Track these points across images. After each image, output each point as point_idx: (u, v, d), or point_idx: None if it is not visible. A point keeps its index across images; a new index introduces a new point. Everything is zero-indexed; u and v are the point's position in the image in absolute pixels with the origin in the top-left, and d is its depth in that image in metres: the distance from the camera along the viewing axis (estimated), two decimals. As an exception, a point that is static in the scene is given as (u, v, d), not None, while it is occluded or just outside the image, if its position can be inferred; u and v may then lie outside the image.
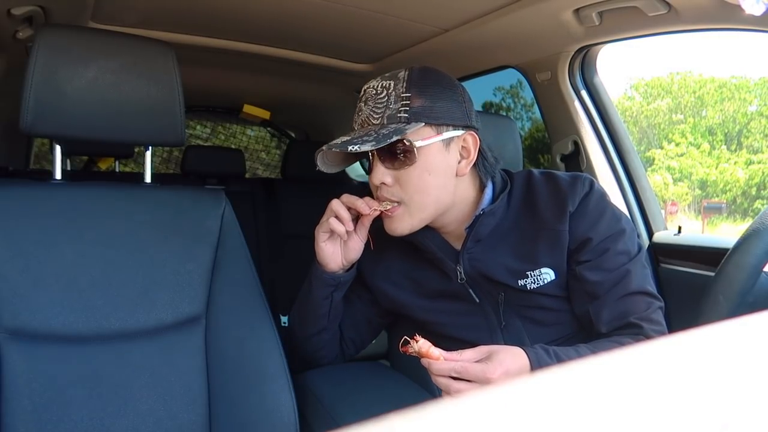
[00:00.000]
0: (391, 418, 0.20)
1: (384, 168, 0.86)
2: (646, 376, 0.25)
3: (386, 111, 0.84)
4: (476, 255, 0.91)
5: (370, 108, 0.86)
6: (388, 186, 0.86)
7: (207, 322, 0.98)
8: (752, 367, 0.26)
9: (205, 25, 1.56)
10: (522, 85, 8.97)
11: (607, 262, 0.86)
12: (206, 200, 1.05)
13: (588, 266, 0.86)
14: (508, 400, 0.23)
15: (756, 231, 0.86)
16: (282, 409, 0.94)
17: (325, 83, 2.16)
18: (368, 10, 1.36)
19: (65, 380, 0.85)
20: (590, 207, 0.87)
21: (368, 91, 0.88)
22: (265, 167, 3.84)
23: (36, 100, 0.89)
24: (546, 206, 0.89)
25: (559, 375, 0.25)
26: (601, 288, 0.85)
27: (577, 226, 0.87)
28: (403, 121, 0.83)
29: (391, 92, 0.85)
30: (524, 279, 0.88)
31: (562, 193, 0.88)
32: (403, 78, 0.85)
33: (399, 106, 0.84)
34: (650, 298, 0.86)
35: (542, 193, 0.91)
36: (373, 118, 0.85)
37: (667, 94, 16.73)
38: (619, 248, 0.86)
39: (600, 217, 0.87)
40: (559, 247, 0.87)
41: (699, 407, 0.23)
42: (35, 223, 0.90)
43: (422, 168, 0.85)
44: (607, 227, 0.87)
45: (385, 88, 0.86)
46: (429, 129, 0.85)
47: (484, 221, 0.89)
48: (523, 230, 0.90)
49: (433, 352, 0.73)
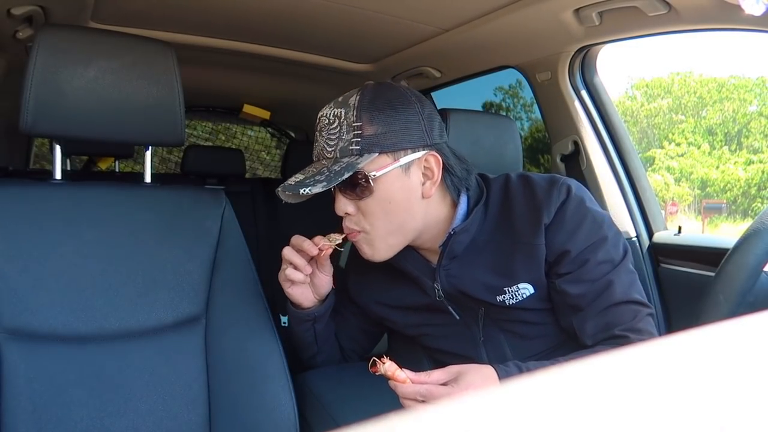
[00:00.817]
0: (391, 418, 0.20)
1: (345, 199, 0.84)
2: (646, 376, 0.25)
3: (339, 143, 0.81)
4: (453, 272, 0.89)
5: (324, 139, 0.83)
6: (351, 215, 0.85)
7: (207, 322, 0.98)
8: (752, 367, 0.26)
9: (205, 25, 1.55)
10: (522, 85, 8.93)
11: (588, 273, 0.82)
12: (206, 200, 1.05)
13: (568, 279, 0.83)
14: (508, 400, 0.23)
15: (756, 231, 0.86)
16: (282, 409, 0.94)
17: (325, 83, 2.16)
18: (368, 10, 1.36)
19: (65, 380, 0.85)
20: (567, 217, 0.83)
21: (322, 119, 0.85)
22: (266, 167, 3.84)
23: (36, 100, 0.89)
24: (522, 218, 0.86)
25: (559, 375, 0.25)
26: (584, 300, 0.82)
27: (554, 238, 0.83)
28: (355, 153, 0.80)
29: (343, 121, 0.81)
30: (502, 295, 0.86)
31: (537, 203, 0.85)
32: (353, 105, 0.81)
33: (351, 137, 0.80)
34: (637, 306, 0.83)
35: (518, 202, 0.87)
36: (327, 151, 0.83)
37: (668, 94, 16.73)
38: (599, 258, 0.83)
39: (578, 227, 0.83)
40: (536, 262, 0.84)
41: (698, 407, 0.23)
42: (35, 223, 0.90)
43: (382, 197, 0.82)
44: (586, 237, 0.83)
45: (336, 117, 0.82)
46: (385, 157, 0.81)
47: (458, 239, 0.87)
48: (500, 243, 0.87)
49: (399, 375, 0.72)
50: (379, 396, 1.01)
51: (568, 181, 0.87)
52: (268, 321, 1.01)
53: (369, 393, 1.01)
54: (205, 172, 2.34)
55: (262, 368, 0.97)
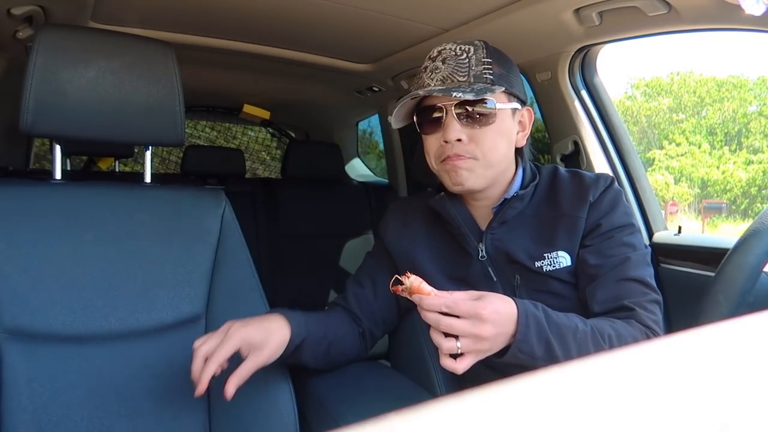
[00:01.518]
0: (391, 418, 0.20)
1: (460, 125, 0.89)
2: (647, 376, 0.25)
3: (470, 71, 0.88)
4: (499, 236, 0.94)
5: (451, 67, 0.89)
6: (462, 143, 0.89)
7: (207, 322, 0.98)
8: (752, 367, 0.26)
9: (205, 25, 1.55)
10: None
11: (610, 249, 0.89)
12: (206, 200, 1.05)
13: (591, 250, 0.90)
14: (508, 400, 0.23)
15: (756, 231, 0.86)
16: (282, 409, 0.94)
17: (325, 83, 2.16)
18: (368, 10, 1.36)
19: (65, 380, 0.85)
20: (607, 198, 0.92)
21: (444, 52, 0.91)
22: (266, 167, 3.84)
23: (36, 100, 0.89)
24: (568, 197, 0.94)
25: (559, 375, 0.25)
26: (600, 270, 0.88)
27: (592, 214, 0.91)
28: (489, 82, 0.88)
29: (472, 55, 0.90)
30: (541, 261, 0.92)
31: (585, 185, 0.94)
32: (482, 46, 0.91)
33: (482, 68, 0.89)
34: (647, 289, 0.88)
35: (566, 185, 0.95)
36: (459, 75, 0.88)
37: (668, 94, 16.73)
38: (624, 239, 0.90)
39: (613, 208, 0.92)
40: (576, 233, 0.91)
41: (699, 407, 0.23)
42: (35, 223, 0.90)
43: (497, 129, 0.89)
44: (618, 218, 0.91)
45: (464, 51, 0.90)
46: (504, 95, 0.91)
47: (513, 204, 0.93)
48: (544, 217, 0.94)
49: (425, 287, 0.73)
50: (379, 396, 1.01)
51: (612, 177, 0.98)
52: (268, 321, 1.01)
53: (369, 393, 1.01)
54: (205, 172, 2.34)
55: (262, 368, 0.97)
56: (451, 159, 0.89)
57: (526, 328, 0.74)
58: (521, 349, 0.74)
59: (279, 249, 2.22)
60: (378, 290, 1.04)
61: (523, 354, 0.74)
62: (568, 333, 0.77)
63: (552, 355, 0.76)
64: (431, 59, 0.93)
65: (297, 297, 2.16)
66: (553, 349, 0.75)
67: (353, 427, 0.20)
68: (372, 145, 3.39)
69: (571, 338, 0.77)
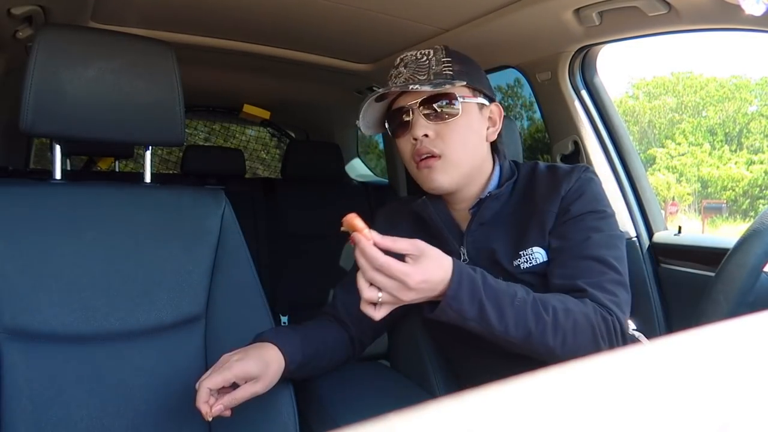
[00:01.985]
0: (391, 418, 0.20)
1: (426, 121, 0.90)
2: (647, 376, 0.25)
3: (430, 70, 0.91)
4: (478, 237, 0.95)
5: (412, 69, 0.92)
6: (429, 138, 0.90)
7: (207, 322, 0.98)
8: (752, 367, 0.26)
9: (205, 25, 1.55)
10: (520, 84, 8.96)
11: (572, 232, 0.89)
12: (206, 200, 1.05)
13: (554, 234, 0.90)
14: (508, 400, 0.23)
15: (756, 231, 0.86)
16: (282, 409, 0.94)
17: (325, 83, 2.16)
18: (368, 10, 1.36)
19: (65, 380, 0.85)
20: (575, 186, 0.93)
21: (406, 57, 0.94)
22: (266, 167, 3.84)
23: (36, 100, 0.89)
24: (543, 192, 0.94)
25: (558, 375, 0.25)
26: (560, 252, 0.88)
27: (563, 202, 0.92)
28: (449, 77, 0.90)
29: (432, 57, 0.92)
30: (518, 259, 0.91)
31: (558, 178, 0.94)
32: (440, 48, 0.94)
33: (442, 67, 0.91)
34: (606, 268, 0.86)
35: (542, 181, 0.95)
36: (419, 75, 0.91)
37: (669, 94, 16.73)
38: (589, 223, 0.89)
39: (581, 194, 0.92)
40: (545, 226, 0.91)
41: (699, 407, 0.23)
42: (35, 223, 0.90)
43: (463, 123, 0.91)
44: (585, 204, 0.91)
45: (424, 54, 0.93)
46: (468, 90, 0.93)
47: (488, 204, 0.94)
48: (521, 215, 0.94)
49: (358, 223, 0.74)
50: (379, 396, 1.01)
51: (588, 166, 0.97)
52: (268, 321, 1.01)
53: (369, 393, 1.01)
54: (205, 172, 2.34)
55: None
56: (423, 161, 0.91)
57: (458, 287, 0.75)
58: (451, 306, 0.75)
59: (279, 249, 2.22)
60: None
61: (453, 312, 0.76)
62: (504, 298, 0.78)
63: (484, 317, 0.76)
64: (395, 67, 0.95)
65: (297, 297, 2.16)
66: (485, 311, 0.76)
67: (353, 427, 0.20)
68: (372, 145, 3.39)
69: (507, 304, 0.77)
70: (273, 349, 0.86)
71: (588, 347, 0.80)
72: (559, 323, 0.78)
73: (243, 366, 0.80)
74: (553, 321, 0.78)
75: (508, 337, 0.78)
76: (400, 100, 0.93)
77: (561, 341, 0.78)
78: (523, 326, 0.77)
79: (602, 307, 0.82)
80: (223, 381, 0.78)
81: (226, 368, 0.79)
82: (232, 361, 0.80)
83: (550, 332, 0.78)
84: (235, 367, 0.79)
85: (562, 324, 0.78)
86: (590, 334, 0.80)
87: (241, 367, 0.80)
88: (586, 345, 0.80)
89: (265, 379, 0.83)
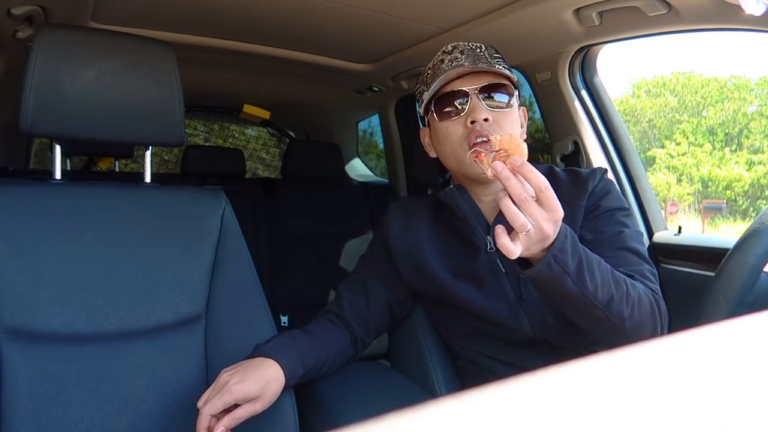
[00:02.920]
0: (391, 418, 0.20)
1: (486, 107, 0.92)
2: (647, 376, 0.25)
3: (490, 61, 0.94)
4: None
5: (471, 57, 0.94)
6: (489, 123, 0.91)
7: (207, 322, 0.98)
8: (752, 367, 0.26)
9: (205, 25, 1.55)
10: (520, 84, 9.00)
11: (604, 225, 0.93)
12: (206, 200, 1.05)
13: (587, 228, 0.93)
14: (508, 400, 0.23)
15: (756, 231, 0.86)
16: (282, 409, 0.94)
17: (325, 83, 2.16)
18: (368, 10, 1.36)
19: (65, 380, 0.85)
20: (602, 184, 0.97)
21: (460, 46, 0.96)
22: (266, 167, 3.83)
23: (36, 100, 0.89)
24: (568, 189, 0.96)
25: (559, 374, 0.25)
26: (596, 243, 0.90)
27: (590, 200, 0.95)
28: (506, 68, 0.94)
29: (485, 51, 0.96)
30: None
31: (582, 178, 0.97)
32: (488, 45, 0.98)
33: (497, 60, 0.95)
34: (643, 261, 0.90)
35: (564, 181, 0.98)
36: (481, 62, 0.93)
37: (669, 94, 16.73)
38: (619, 219, 0.94)
39: (608, 192, 0.96)
40: (576, 220, 0.93)
41: (699, 407, 0.23)
42: (35, 223, 0.90)
43: (514, 116, 0.95)
44: (613, 201, 0.96)
45: (478, 47, 0.96)
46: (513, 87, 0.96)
47: None
48: None
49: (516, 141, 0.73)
50: (379, 396, 1.01)
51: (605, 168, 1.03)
52: (268, 321, 1.01)
53: (369, 393, 1.01)
54: (205, 172, 2.34)
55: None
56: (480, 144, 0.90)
57: (564, 238, 0.75)
58: (557, 257, 0.74)
59: (279, 249, 2.22)
60: (371, 297, 1.03)
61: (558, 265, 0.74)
62: (594, 260, 0.80)
63: (581, 275, 0.76)
64: (447, 53, 0.96)
65: (297, 297, 2.16)
66: (583, 269, 0.76)
67: (353, 427, 0.20)
68: (372, 145, 3.39)
69: (596, 266, 0.79)
70: (273, 366, 0.86)
71: (648, 324, 0.83)
72: (629, 293, 0.81)
73: (242, 388, 0.80)
74: (626, 290, 0.81)
75: (595, 300, 0.78)
76: (455, 83, 0.93)
77: (630, 311, 0.81)
78: (608, 290, 0.79)
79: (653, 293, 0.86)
80: (222, 405, 0.79)
81: (225, 392, 0.79)
82: (231, 384, 0.80)
83: (625, 300, 0.80)
84: (235, 391, 0.80)
85: (631, 294, 0.82)
86: (649, 309, 0.83)
87: (241, 389, 0.80)
88: (646, 321, 0.83)
89: (265, 399, 0.84)
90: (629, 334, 0.82)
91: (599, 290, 0.78)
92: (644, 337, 0.82)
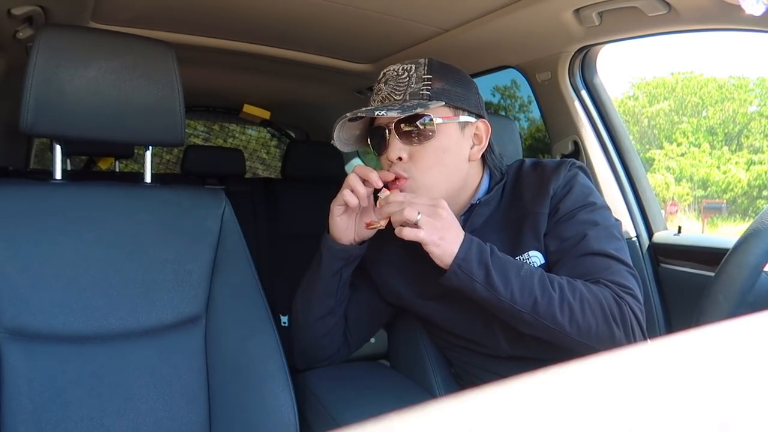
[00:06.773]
0: (391, 418, 0.20)
1: (401, 143, 0.89)
2: (647, 376, 0.25)
3: (408, 90, 0.89)
4: None
5: (391, 87, 0.91)
6: (402, 162, 0.89)
7: (207, 322, 0.98)
8: (752, 367, 0.26)
9: (205, 25, 1.55)
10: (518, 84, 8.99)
11: (566, 231, 0.88)
12: (206, 200, 1.05)
13: (549, 236, 0.90)
14: (507, 400, 0.23)
15: (756, 231, 0.86)
16: (282, 409, 0.94)
17: (325, 83, 2.16)
18: (368, 10, 1.36)
19: (65, 380, 0.85)
20: (563, 182, 0.92)
21: (388, 73, 0.93)
22: (266, 167, 3.83)
23: (36, 100, 0.89)
24: (530, 192, 0.93)
25: (558, 375, 0.25)
26: (560, 254, 0.88)
27: (553, 201, 0.91)
28: (425, 98, 0.88)
29: (413, 74, 0.90)
30: None
31: (546, 177, 0.93)
32: (424, 63, 0.91)
33: (421, 85, 0.89)
34: (612, 261, 0.86)
35: (529, 180, 0.95)
36: (396, 95, 0.90)
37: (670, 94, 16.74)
38: (582, 218, 0.89)
39: (569, 190, 0.91)
40: (539, 229, 0.90)
41: (699, 407, 0.23)
42: (35, 223, 0.90)
43: (438, 146, 0.88)
44: (574, 199, 0.90)
45: (406, 70, 0.91)
46: (447, 110, 0.90)
47: (479, 211, 0.93)
48: (511, 219, 0.93)
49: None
50: (379, 396, 1.01)
51: (575, 161, 0.97)
52: (268, 321, 1.01)
53: (369, 393, 1.01)
54: (205, 172, 2.34)
55: (262, 368, 0.97)
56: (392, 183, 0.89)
57: (468, 249, 0.79)
58: (461, 266, 0.78)
59: (279, 249, 2.22)
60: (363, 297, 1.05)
61: (462, 273, 0.78)
62: (511, 267, 0.80)
63: (490, 282, 0.78)
64: (377, 81, 0.94)
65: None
66: (491, 275, 0.78)
67: (353, 427, 0.20)
68: (372, 145, 3.38)
69: (513, 272, 0.79)
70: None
71: (601, 329, 0.79)
72: (566, 297, 0.78)
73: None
74: (560, 295, 0.79)
75: (514, 305, 0.78)
76: (381, 117, 0.90)
77: (569, 317, 0.78)
78: (529, 295, 0.78)
79: (614, 294, 0.82)
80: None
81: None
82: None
83: (557, 305, 0.78)
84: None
85: (569, 299, 0.78)
86: (601, 314, 0.79)
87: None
88: (597, 326, 0.79)
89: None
90: (580, 338, 0.79)
91: (517, 295, 0.78)
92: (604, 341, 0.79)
